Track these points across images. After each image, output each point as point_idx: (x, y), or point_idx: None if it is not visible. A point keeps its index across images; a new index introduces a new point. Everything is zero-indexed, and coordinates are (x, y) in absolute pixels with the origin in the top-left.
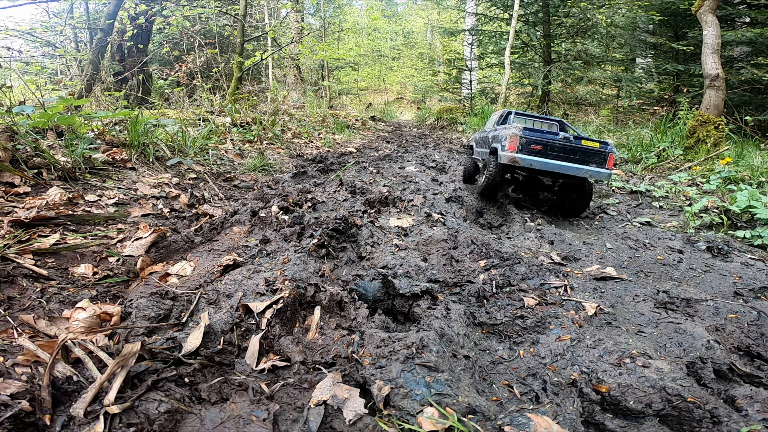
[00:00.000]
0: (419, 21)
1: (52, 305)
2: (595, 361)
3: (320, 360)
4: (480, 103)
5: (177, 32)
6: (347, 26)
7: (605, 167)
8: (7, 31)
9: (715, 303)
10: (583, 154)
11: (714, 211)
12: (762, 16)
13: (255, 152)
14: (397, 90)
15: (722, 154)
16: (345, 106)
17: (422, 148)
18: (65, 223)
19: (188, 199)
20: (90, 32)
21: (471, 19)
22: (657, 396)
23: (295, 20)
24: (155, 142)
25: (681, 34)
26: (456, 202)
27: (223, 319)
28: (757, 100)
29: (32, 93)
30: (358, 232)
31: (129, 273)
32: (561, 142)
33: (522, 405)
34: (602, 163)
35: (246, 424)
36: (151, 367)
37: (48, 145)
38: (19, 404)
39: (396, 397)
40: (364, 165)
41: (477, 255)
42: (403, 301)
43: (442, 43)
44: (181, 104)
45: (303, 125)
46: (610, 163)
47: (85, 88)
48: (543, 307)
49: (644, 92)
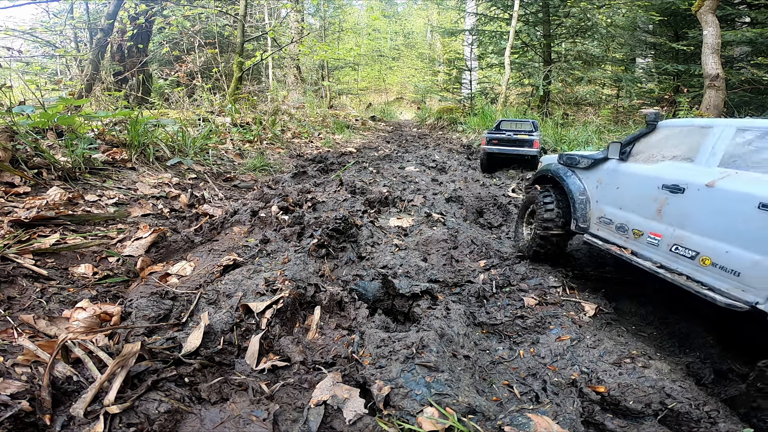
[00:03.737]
0: (419, 21)
1: (52, 305)
2: (595, 361)
3: (320, 360)
4: (480, 103)
5: (177, 32)
6: (347, 26)
7: (533, 148)
8: (7, 31)
9: None
10: (519, 142)
11: None
12: (762, 16)
13: (255, 152)
14: (397, 90)
15: None
16: (345, 106)
17: (422, 148)
18: (65, 223)
19: (188, 199)
20: (90, 32)
21: (471, 19)
22: (656, 396)
23: (295, 20)
24: (155, 142)
25: (681, 34)
26: (456, 202)
27: (223, 319)
28: (757, 100)
29: (32, 93)
30: (358, 232)
31: (129, 273)
32: (507, 136)
33: (522, 405)
34: (531, 145)
35: (246, 424)
36: (151, 367)
37: (48, 145)
38: (19, 404)
39: (396, 397)
40: (364, 165)
41: (477, 255)
42: (403, 301)
43: (442, 43)
44: (181, 104)
45: (303, 125)
46: (536, 146)
47: (85, 88)
48: (543, 307)
49: (644, 92)
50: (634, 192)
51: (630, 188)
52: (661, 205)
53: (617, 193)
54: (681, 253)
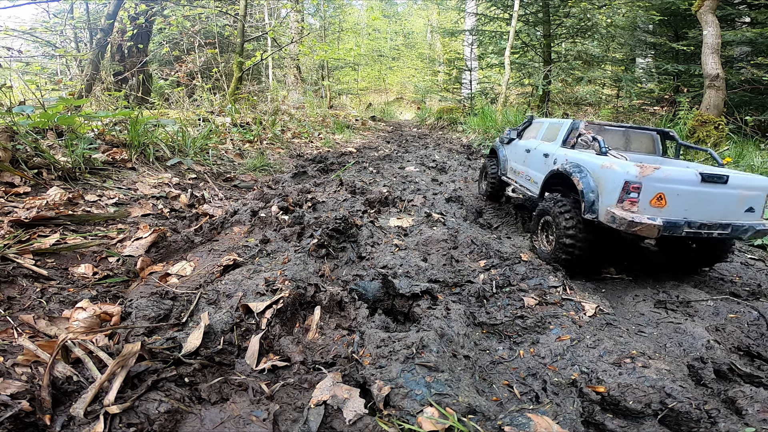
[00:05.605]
0: (419, 21)
1: (52, 305)
2: (595, 361)
3: (320, 360)
4: (480, 103)
5: (177, 32)
6: (347, 26)
7: None
8: (7, 31)
9: (715, 303)
10: None
11: None
12: (762, 16)
13: (255, 152)
14: (397, 90)
15: (722, 154)
16: (345, 106)
17: (422, 148)
18: (65, 223)
19: (188, 199)
20: (90, 32)
21: (471, 19)
22: (656, 396)
23: (295, 20)
24: (155, 142)
25: (681, 34)
26: (456, 202)
27: (223, 319)
28: (757, 100)
29: (32, 93)
30: (358, 232)
31: (129, 273)
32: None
33: (522, 405)
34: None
35: (246, 424)
36: (151, 367)
37: (48, 145)
38: (19, 404)
39: (396, 397)
40: (364, 165)
41: (477, 255)
42: (403, 301)
43: (442, 43)
44: (181, 104)
45: (303, 125)
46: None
47: (85, 88)
48: (543, 307)
49: (644, 92)
50: (518, 154)
51: (517, 152)
52: (524, 158)
53: (514, 155)
54: (526, 177)
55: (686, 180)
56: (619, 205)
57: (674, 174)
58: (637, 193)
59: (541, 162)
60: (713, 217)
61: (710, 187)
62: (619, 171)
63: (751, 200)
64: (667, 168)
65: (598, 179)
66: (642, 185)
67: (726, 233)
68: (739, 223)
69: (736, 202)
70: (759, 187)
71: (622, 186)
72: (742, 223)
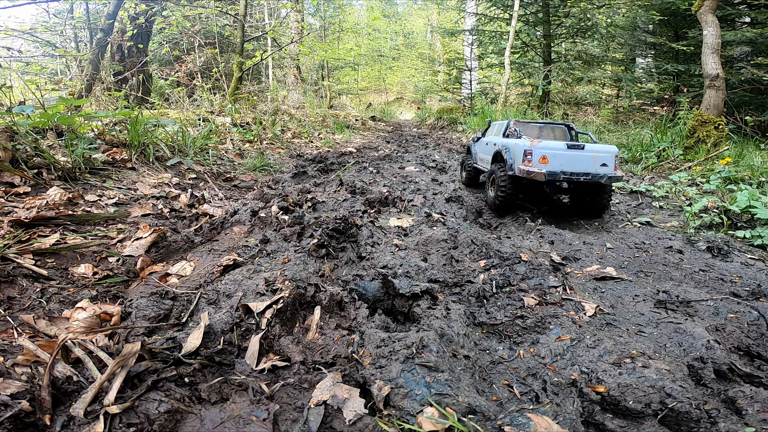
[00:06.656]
0: (419, 21)
1: (52, 305)
2: (595, 361)
3: (320, 360)
4: (480, 103)
5: (177, 32)
6: (347, 26)
7: None
8: (7, 31)
9: (715, 303)
10: None
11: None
12: (762, 16)
13: (255, 152)
14: (397, 90)
15: (722, 154)
16: (345, 106)
17: (422, 148)
18: (65, 223)
19: (188, 199)
20: (90, 32)
21: (471, 19)
22: (656, 396)
23: (295, 20)
24: (155, 142)
25: (681, 34)
26: (456, 202)
27: (223, 319)
28: (757, 100)
29: (32, 93)
30: (358, 232)
31: (129, 273)
32: None
33: (522, 405)
34: None
35: (246, 424)
36: (151, 367)
37: (48, 145)
38: (19, 404)
39: (396, 397)
40: (364, 165)
41: (477, 255)
42: (403, 301)
43: (442, 44)
44: (181, 104)
45: (303, 125)
46: None
47: (85, 88)
48: (543, 307)
49: (644, 92)
50: (482, 147)
51: (481, 146)
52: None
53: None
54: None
55: (559, 148)
56: (523, 163)
57: (551, 144)
58: (530, 156)
59: (492, 148)
60: (578, 169)
61: (574, 151)
62: (522, 145)
63: (603, 159)
64: (547, 141)
65: (514, 151)
66: (533, 151)
67: (588, 179)
68: (595, 172)
69: (592, 160)
70: (606, 151)
71: (523, 152)
72: (598, 172)
